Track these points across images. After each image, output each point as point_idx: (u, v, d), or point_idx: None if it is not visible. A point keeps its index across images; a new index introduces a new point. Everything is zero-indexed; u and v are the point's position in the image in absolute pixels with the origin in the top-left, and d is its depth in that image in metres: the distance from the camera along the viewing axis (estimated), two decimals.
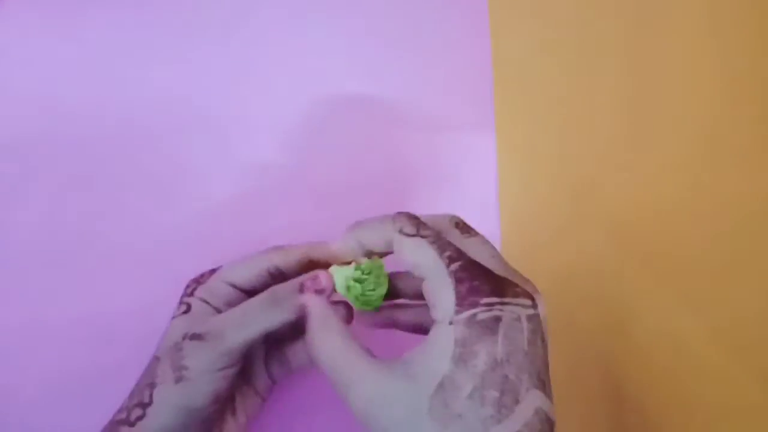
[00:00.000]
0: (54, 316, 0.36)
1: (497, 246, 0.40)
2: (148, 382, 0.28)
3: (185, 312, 0.30)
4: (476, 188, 0.41)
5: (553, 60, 0.42)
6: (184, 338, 0.29)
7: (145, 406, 0.27)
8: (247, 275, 0.31)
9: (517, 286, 0.26)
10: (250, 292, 0.31)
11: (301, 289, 0.29)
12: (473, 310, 0.24)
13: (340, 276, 0.30)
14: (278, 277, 0.31)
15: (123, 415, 0.27)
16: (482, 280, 0.26)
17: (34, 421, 0.35)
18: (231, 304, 0.30)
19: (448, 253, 0.27)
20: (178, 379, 0.27)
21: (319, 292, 0.29)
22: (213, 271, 0.32)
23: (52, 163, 0.37)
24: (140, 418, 0.27)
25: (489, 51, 0.42)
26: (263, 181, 0.40)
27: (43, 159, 0.37)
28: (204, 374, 0.27)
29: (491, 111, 0.41)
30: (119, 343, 0.36)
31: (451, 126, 0.41)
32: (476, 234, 0.30)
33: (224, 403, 0.30)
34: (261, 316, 0.28)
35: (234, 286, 0.31)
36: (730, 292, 0.40)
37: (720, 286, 0.40)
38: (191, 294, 0.31)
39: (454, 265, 0.26)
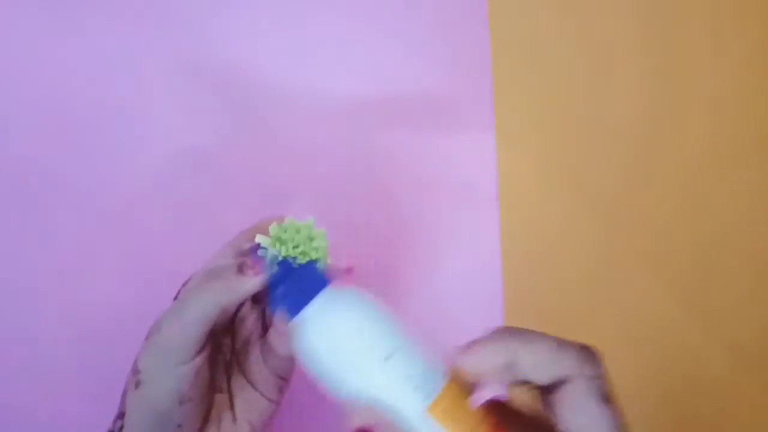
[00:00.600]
0: (52, 318, 0.36)
1: (497, 246, 0.40)
2: (123, 390, 0.27)
3: None
4: (476, 188, 0.41)
5: (554, 59, 0.42)
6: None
7: (122, 415, 0.26)
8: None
9: None
10: None
11: (240, 269, 0.26)
12: None
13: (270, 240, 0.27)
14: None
15: (110, 427, 0.27)
16: None
17: (34, 422, 0.35)
18: None
19: None
20: (137, 384, 0.25)
21: (258, 272, 0.26)
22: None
23: (48, 162, 0.38)
24: (121, 428, 0.26)
25: (489, 50, 0.42)
26: (261, 181, 0.40)
27: (37, 157, 0.37)
28: (156, 374, 0.25)
29: (491, 111, 0.41)
30: (117, 344, 0.36)
31: (451, 125, 0.41)
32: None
33: (208, 403, 0.27)
34: (194, 303, 0.25)
35: None
36: (731, 292, 0.40)
37: (721, 286, 0.40)
38: (176, 297, 0.29)
39: None
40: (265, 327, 0.29)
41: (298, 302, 0.25)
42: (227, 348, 0.30)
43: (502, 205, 0.40)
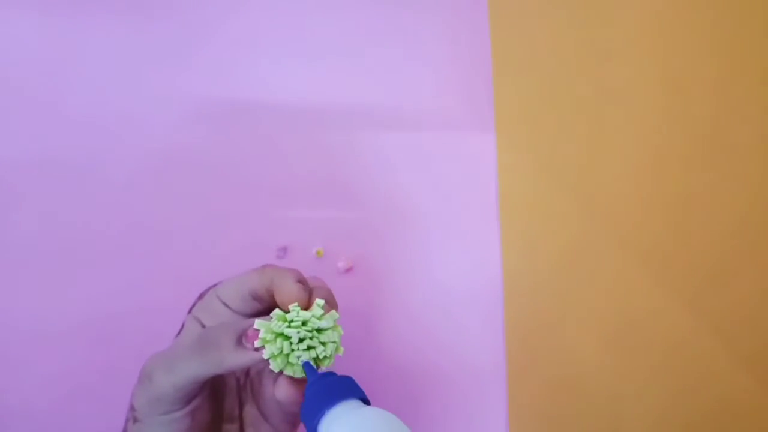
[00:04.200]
0: (54, 320, 0.36)
1: (497, 246, 0.40)
2: (126, 417, 0.26)
3: (179, 333, 0.28)
4: (476, 188, 0.41)
5: (553, 59, 0.42)
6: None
7: None
8: (233, 295, 0.26)
9: None
10: (242, 314, 0.27)
11: (239, 342, 0.24)
12: None
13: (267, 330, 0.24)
14: (257, 300, 0.27)
15: None
16: None
17: (35, 423, 0.35)
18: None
19: None
20: (134, 420, 0.25)
21: (260, 349, 0.23)
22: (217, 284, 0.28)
23: (51, 163, 0.38)
24: None
25: (489, 51, 0.42)
26: (263, 182, 0.40)
27: (41, 159, 0.38)
28: (148, 417, 0.24)
29: (491, 111, 0.41)
30: (119, 345, 0.36)
31: (451, 126, 0.41)
32: None
33: None
34: (186, 363, 0.24)
35: (226, 305, 0.27)
36: (730, 291, 0.40)
37: (720, 286, 0.40)
38: (190, 310, 0.28)
39: None
40: None
41: (312, 411, 0.23)
42: (242, 373, 0.29)
43: (501, 205, 0.40)
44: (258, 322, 0.24)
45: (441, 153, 0.41)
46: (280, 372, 0.24)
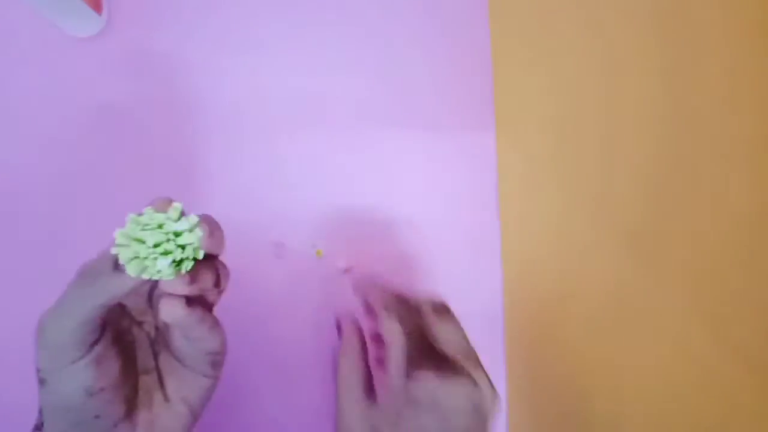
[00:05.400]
0: None
1: (497, 246, 0.40)
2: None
3: None
4: (476, 188, 0.41)
5: (554, 60, 0.42)
6: None
7: (39, 427, 0.25)
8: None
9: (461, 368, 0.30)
10: None
11: (117, 266, 0.23)
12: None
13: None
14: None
15: (36, 422, 0.25)
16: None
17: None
18: None
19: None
20: (41, 382, 0.24)
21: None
22: None
23: (54, 162, 0.38)
24: (42, 424, 0.25)
25: (489, 51, 0.42)
26: (262, 182, 0.40)
27: (44, 158, 0.38)
28: (54, 372, 0.24)
29: (491, 111, 0.41)
30: None
31: (451, 126, 0.41)
32: (452, 318, 0.32)
33: (129, 388, 0.26)
34: (72, 302, 0.24)
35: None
36: (730, 291, 0.40)
37: (720, 285, 0.40)
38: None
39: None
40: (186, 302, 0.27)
41: None
42: (150, 326, 0.28)
43: (501, 204, 0.40)
44: (117, 231, 0.22)
45: (441, 153, 0.41)
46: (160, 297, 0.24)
